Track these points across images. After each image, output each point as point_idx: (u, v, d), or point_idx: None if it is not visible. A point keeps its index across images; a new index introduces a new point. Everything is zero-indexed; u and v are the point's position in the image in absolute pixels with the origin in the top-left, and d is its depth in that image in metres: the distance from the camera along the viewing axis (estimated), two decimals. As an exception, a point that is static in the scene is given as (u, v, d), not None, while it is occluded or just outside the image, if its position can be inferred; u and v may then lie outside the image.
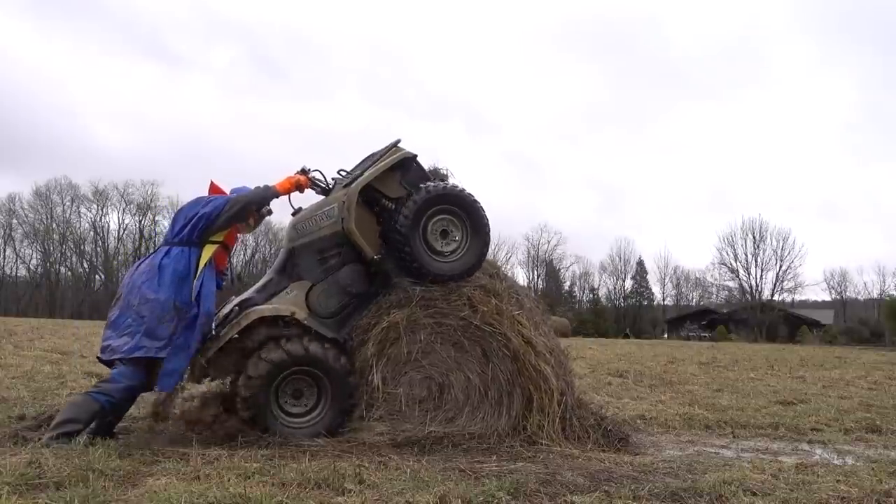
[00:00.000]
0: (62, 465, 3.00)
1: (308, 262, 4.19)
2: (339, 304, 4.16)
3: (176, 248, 4.01)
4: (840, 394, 7.83)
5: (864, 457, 4.27)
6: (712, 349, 20.39)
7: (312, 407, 3.99)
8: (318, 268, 4.18)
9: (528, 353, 4.06)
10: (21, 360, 8.35)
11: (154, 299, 3.84)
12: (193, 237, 4.01)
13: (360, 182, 4.13)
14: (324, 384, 3.96)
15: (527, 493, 2.89)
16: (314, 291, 4.14)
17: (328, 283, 4.16)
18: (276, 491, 2.73)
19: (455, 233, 4.25)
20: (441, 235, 4.22)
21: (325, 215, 4.16)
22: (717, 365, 12.40)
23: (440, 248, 4.20)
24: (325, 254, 4.18)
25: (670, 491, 2.98)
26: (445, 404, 4.09)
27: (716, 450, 4.42)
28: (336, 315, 4.16)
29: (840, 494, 3.02)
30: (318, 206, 4.24)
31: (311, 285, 4.15)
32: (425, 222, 4.15)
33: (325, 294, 4.14)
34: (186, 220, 4.04)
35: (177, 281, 3.89)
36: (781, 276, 51.75)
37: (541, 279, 59.15)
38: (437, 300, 4.17)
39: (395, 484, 2.94)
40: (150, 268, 3.97)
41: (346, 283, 4.15)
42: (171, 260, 3.95)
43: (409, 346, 4.11)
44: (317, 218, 4.19)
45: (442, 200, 4.18)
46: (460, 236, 4.25)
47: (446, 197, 4.20)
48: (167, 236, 4.15)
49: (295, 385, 3.98)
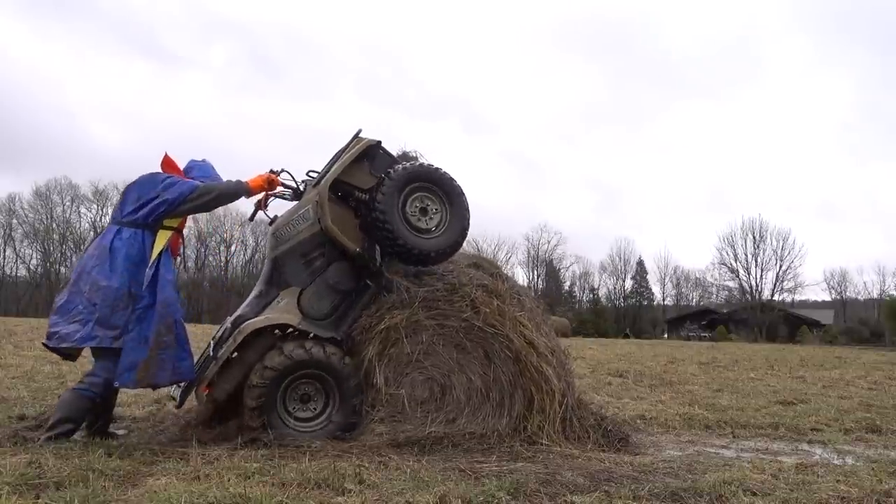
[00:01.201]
0: (62, 465, 3.00)
1: (293, 267, 4.16)
2: (331, 304, 4.14)
3: (128, 230, 3.79)
4: (840, 394, 7.82)
5: (864, 457, 4.26)
6: (712, 349, 20.39)
7: (321, 410, 4.00)
8: (305, 272, 4.14)
9: (530, 354, 4.06)
10: (21, 360, 8.35)
11: (106, 286, 3.65)
12: (149, 221, 3.80)
13: (328, 178, 4.08)
14: (330, 386, 3.96)
15: (527, 493, 2.89)
16: (305, 295, 4.11)
17: (317, 285, 4.13)
18: (276, 491, 2.73)
19: (434, 208, 4.22)
20: (421, 213, 4.19)
21: (302, 218, 4.13)
22: (717, 365, 12.40)
23: (422, 226, 4.17)
24: (308, 257, 4.15)
25: (670, 491, 2.98)
26: (447, 405, 4.09)
27: (716, 450, 4.41)
28: (330, 315, 4.14)
29: (840, 494, 3.02)
30: (294, 211, 4.22)
31: (301, 290, 4.12)
32: (403, 202, 4.11)
33: (316, 296, 4.11)
34: (143, 202, 3.82)
35: (130, 267, 3.71)
36: (781, 276, 51.83)
37: (541, 279, 59.18)
38: (439, 301, 4.16)
39: (395, 484, 2.94)
40: (101, 250, 3.75)
41: (334, 281, 4.12)
42: (124, 244, 3.75)
43: (411, 347, 4.10)
44: (294, 223, 4.16)
45: (415, 178, 4.14)
46: (440, 212, 4.23)
47: (418, 174, 4.16)
48: (116, 214, 3.90)
49: (301, 390, 3.97)
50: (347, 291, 4.18)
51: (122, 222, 3.84)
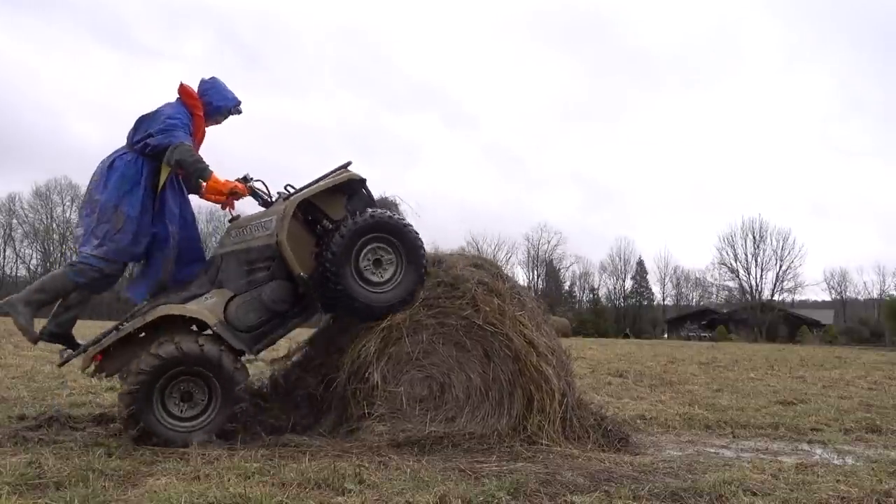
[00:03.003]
0: (62, 465, 3.01)
1: (235, 271, 4.05)
2: (257, 319, 3.99)
3: (130, 154, 4.05)
4: (840, 394, 7.83)
5: (864, 457, 4.26)
6: (712, 349, 20.40)
7: (201, 411, 3.81)
8: (244, 278, 4.03)
9: (530, 353, 4.06)
10: (21, 360, 8.35)
11: (97, 200, 3.96)
12: (146, 152, 4.02)
13: (299, 196, 4.04)
14: (215, 387, 3.79)
15: (527, 493, 2.90)
16: (235, 302, 3.98)
17: (251, 295, 3.99)
18: (276, 491, 2.73)
19: (389, 259, 4.10)
20: (374, 265, 4.08)
21: (262, 226, 4.05)
22: (717, 365, 12.40)
23: (374, 279, 4.07)
24: (253, 265, 4.04)
25: (670, 491, 2.98)
26: (446, 404, 4.09)
27: (716, 450, 4.41)
28: (253, 330, 3.99)
29: (840, 494, 3.02)
30: (257, 217, 4.13)
31: (234, 295, 4.00)
32: (357, 252, 4.00)
33: (246, 307, 3.97)
34: (144, 135, 4.02)
35: (122, 185, 3.96)
36: (781, 276, 51.83)
37: (541, 279, 59.16)
38: (440, 299, 4.16)
39: (395, 484, 2.95)
40: (102, 169, 4.05)
41: (269, 299, 3.98)
42: (123, 164, 4.01)
43: (411, 345, 4.10)
44: (252, 227, 4.08)
45: (373, 229, 4.02)
46: (394, 264, 4.11)
47: (378, 225, 4.03)
48: (129, 137, 4.12)
49: (185, 386, 3.80)
50: (279, 313, 4.04)
51: (130, 147, 4.10)
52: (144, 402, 3.65)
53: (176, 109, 4.11)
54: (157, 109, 4.12)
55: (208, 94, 4.25)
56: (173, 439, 3.64)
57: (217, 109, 4.30)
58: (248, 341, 3.98)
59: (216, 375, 3.77)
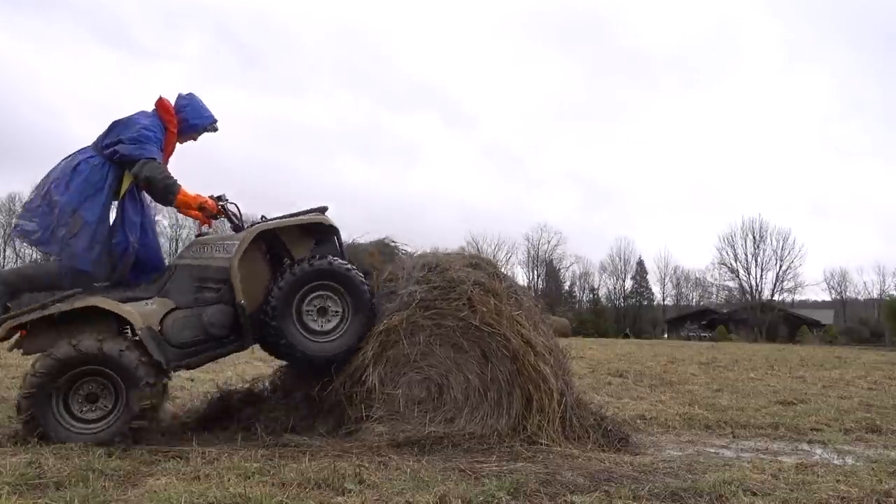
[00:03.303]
0: (62, 465, 3.01)
1: (185, 284, 3.99)
2: (192, 337, 3.90)
3: (98, 158, 3.98)
4: (840, 394, 7.82)
5: (864, 457, 4.26)
6: (712, 349, 20.39)
7: (108, 412, 3.70)
8: (190, 294, 3.97)
9: (528, 353, 4.06)
10: (21, 361, 8.30)
11: (57, 200, 3.88)
12: (114, 159, 3.97)
13: (263, 226, 4.03)
14: (119, 386, 3.69)
15: (527, 493, 2.90)
16: (175, 314, 3.91)
17: (193, 313, 3.93)
18: (276, 491, 2.73)
19: (335, 310, 4.04)
20: (319, 313, 4.02)
21: (223, 248, 4.01)
22: (717, 365, 12.40)
23: (316, 328, 4.00)
24: (204, 284, 3.99)
25: (670, 491, 2.98)
26: (444, 405, 4.09)
27: (716, 450, 4.41)
28: (184, 347, 3.90)
29: (840, 494, 3.03)
30: (223, 238, 4.10)
31: (175, 308, 3.93)
32: (299, 300, 3.95)
33: (184, 322, 3.90)
34: (113, 140, 3.97)
35: (85, 189, 3.89)
36: (781, 276, 51.79)
37: (541, 279, 59.15)
38: (436, 300, 4.16)
39: (395, 484, 2.95)
40: (65, 168, 3.97)
41: (209, 321, 3.91)
42: (88, 167, 3.94)
43: (409, 348, 4.10)
44: (214, 246, 4.04)
45: (317, 277, 3.97)
46: (340, 314, 4.04)
47: (323, 272, 3.97)
48: (98, 141, 4.05)
49: (91, 388, 3.71)
50: (215, 336, 3.95)
51: (98, 151, 4.02)
52: (44, 404, 3.57)
53: (151, 121, 4.07)
54: (132, 116, 4.07)
55: (185, 110, 4.23)
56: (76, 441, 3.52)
57: (192, 127, 4.28)
58: (175, 356, 3.87)
59: (118, 375, 3.66)
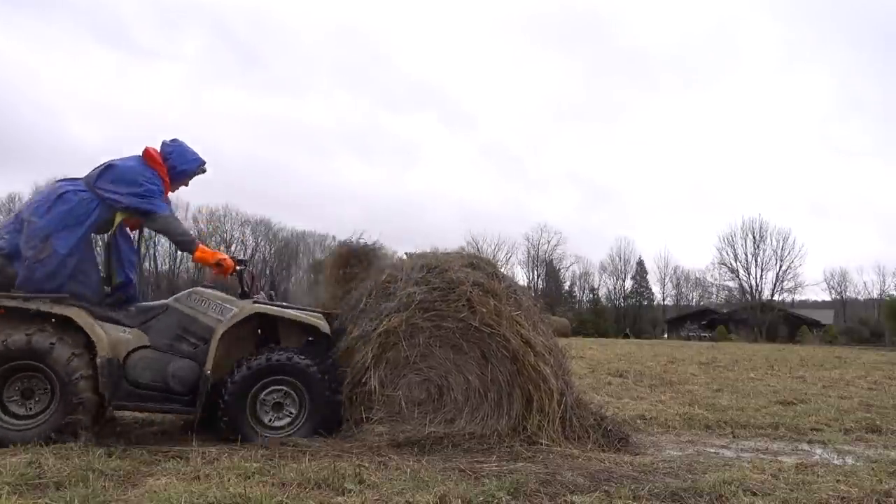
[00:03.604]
0: (62, 465, 3.01)
1: (168, 327, 3.98)
2: (150, 381, 3.86)
3: (88, 194, 3.94)
4: (840, 394, 7.83)
5: (864, 457, 4.27)
6: (712, 349, 20.39)
7: (43, 408, 3.67)
8: (168, 339, 3.96)
9: (528, 353, 4.06)
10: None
11: (32, 221, 3.84)
12: (117, 208, 3.96)
13: (264, 308, 4.06)
14: (53, 381, 3.65)
15: (527, 493, 2.90)
16: (144, 352, 3.88)
17: (162, 358, 3.90)
18: (276, 491, 2.73)
19: (290, 407, 3.97)
20: (274, 408, 3.95)
21: (219, 308, 4.03)
22: (717, 365, 12.40)
23: (269, 423, 3.93)
24: (186, 335, 3.99)
25: (670, 491, 2.98)
26: (444, 406, 4.09)
27: (716, 450, 4.42)
28: (138, 388, 3.84)
29: (840, 494, 3.03)
30: (223, 298, 4.12)
31: (148, 346, 3.90)
32: (256, 392, 3.89)
33: (149, 364, 3.87)
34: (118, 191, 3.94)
35: (66, 220, 3.84)
36: (781, 276, 51.74)
37: (541, 279, 59.18)
38: (435, 302, 4.16)
39: (395, 484, 2.95)
40: (49, 194, 3.94)
41: (174, 372, 3.87)
42: (76, 200, 3.89)
43: (409, 349, 4.10)
44: (211, 304, 4.06)
45: (278, 371, 3.92)
46: (296, 408, 3.97)
47: (285, 368, 3.92)
48: (90, 177, 4.01)
49: (27, 384, 3.68)
50: (171, 390, 3.88)
51: (90, 186, 3.97)
52: None
53: (151, 173, 4.08)
54: (130, 166, 4.05)
55: (171, 157, 4.21)
56: (12, 439, 3.53)
57: (182, 173, 4.27)
58: (125, 394, 3.82)
59: (51, 369, 3.62)
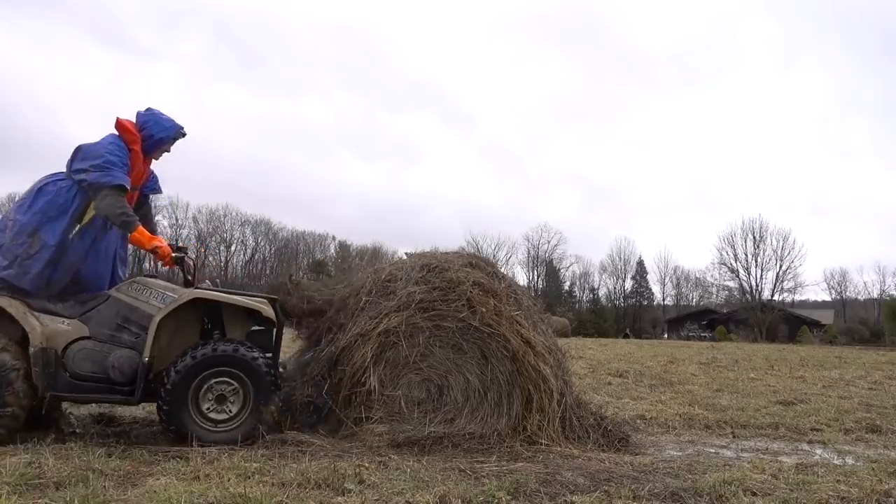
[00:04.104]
0: (62, 465, 3.00)
1: (109, 318, 3.85)
2: (90, 372, 3.73)
3: (66, 182, 3.93)
4: (840, 394, 7.83)
5: (864, 457, 4.27)
6: (712, 349, 20.39)
7: None
8: (110, 330, 3.82)
9: (527, 353, 4.06)
10: (21, 360, 8.33)
11: (16, 219, 3.83)
12: (83, 185, 3.90)
13: (202, 293, 3.90)
14: None
15: (527, 493, 2.90)
16: (84, 343, 3.76)
17: (102, 349, 3.77)
18: (276, 491, 2.73)
19: (234, 400, 3.80)
20: (217, 401, 3.78)
21: (160, 297, 3.87)
22: (717, 365, 12.40)
23: (214, 416, 3.76)
24: (126, 324, 3.84)
25: (670, 491, 2.98)
26: (444, 405, 4.10)
27: (716, 450, 4.42)
28: (77, 379, 3.72)
29: (840, 494, 3.03)
30: (165, 287, 3.98)
31: (88, 337, 3.78)
32: (198, 384, 3.73)
33: (88, 355, 3.75)
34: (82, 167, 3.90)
35: (47, 210, 3.83)
36: (781, 276, 51.71)
37: (541, 279, 59.21)
38: (435, 301, 4.16)
39: (395, 484, 2.95)
40: (31, 191, 3.94)
41: (114, 363, 3.74)
42: (55, 189, 3.89)
43: (408, 349, 4.10)
44: (153, 292, 3.90)
45: (222, 362, 3.76)
46: (241, 401, 3.80)
47: (227, 359, 3.77)
48: (67, 165, 4.00)
49: None
50: (111, 381, 3.75)
51: (68, 173, 3.97)
52: None
53: (115, 145, 4.02)
54: (96, 143, 4.01)
55: (147, 126, 4.16)
56: None
57: (160, 141, 4.20)
58: (64, 385, 3.71)
59: None
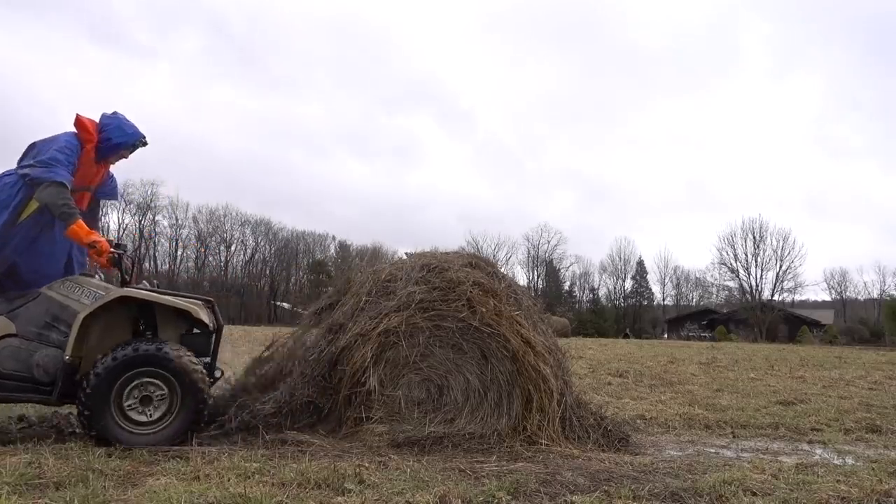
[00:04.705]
0: (62, 465, 3.01)
1: (37, 315, 3.76)
2: (12, 371, 3.65)
3: (13, 176, 3.93)
4: (840, 394, 7.83)
5: (864, 457, 4.26)
6: (712, 349, 20.38)
7: None
8: (38, 328, 3.75)
9: (527, 353, 4.06)
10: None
11: None
12: (26, 181, 3.86)
13: (129, 291, 3.80)
14: None
15: (527, 493, 2.90)
16: (9, 341, 3.68)
17: (27, 347, 3.69)
18: (276, 491, 2.73)
19: (160, 396, 3.70)
20: (142, 402, 3.67)
21: (90, 294, 3.79)
22: (717, 365, 12.39)
23: (138, 418, 3.66)
24: (55, 323, 3.76)
25: (670, 491, 2.98)
26: (444, 406, 4.09)
27: (716, 450, 4.42)
28: None
29: (840, 494, 3.03)
30: (97, 285, 3.91)
31: (14, 335, 3.70)
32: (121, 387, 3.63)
33: (13, 353, 3.67)
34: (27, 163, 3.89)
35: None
36: (781, 276, 51.69)
37: (541, 279, 59.23)
38: (435, 302, 4.16)
39: (395, 484, 2.95)
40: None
41: (39, 362, 3.67)
42: (2, 185, 3.90)
43: (408, 349, 4.10)
44: (83, 290, 3.82)
45: (146, 363, 3.66)
46: (167, 401, 3.70)
47: (152, 359, 3.67)
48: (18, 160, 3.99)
49: None
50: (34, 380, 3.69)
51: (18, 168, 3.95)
52: None
53: (67, 142, 3.97)
54: (49, 138, 3.98)
55: (107, 129, 4.12)
56: None
57: (117, 146, 4.15)
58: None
59: None
